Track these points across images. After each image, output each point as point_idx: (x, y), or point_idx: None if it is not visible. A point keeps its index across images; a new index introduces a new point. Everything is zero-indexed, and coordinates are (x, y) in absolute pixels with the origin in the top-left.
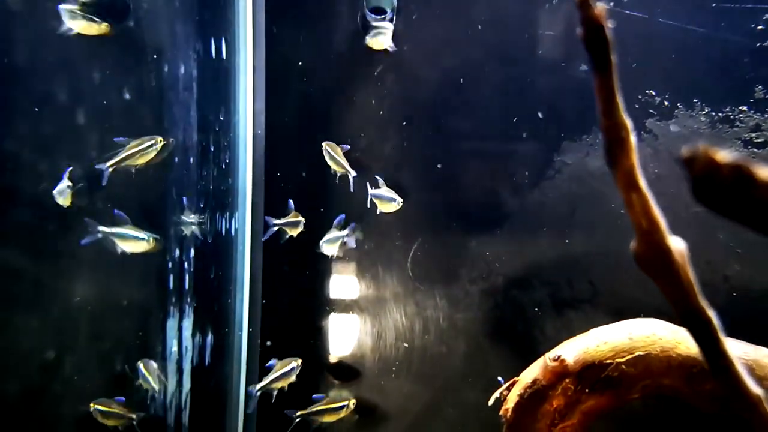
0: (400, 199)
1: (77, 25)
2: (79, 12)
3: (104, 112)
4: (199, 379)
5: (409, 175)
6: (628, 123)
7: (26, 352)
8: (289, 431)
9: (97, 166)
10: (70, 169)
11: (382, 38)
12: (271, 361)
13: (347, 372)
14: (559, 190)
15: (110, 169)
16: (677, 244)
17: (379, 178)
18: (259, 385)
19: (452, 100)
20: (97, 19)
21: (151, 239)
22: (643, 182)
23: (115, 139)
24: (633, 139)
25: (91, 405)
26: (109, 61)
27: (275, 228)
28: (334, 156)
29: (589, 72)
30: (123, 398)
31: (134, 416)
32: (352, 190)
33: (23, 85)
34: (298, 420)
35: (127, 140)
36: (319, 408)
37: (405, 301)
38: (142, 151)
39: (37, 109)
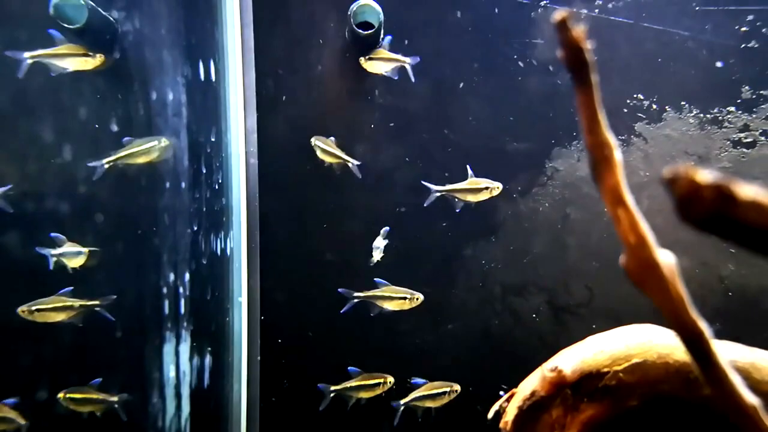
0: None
1: (71, 63)
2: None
3: (94, 141)
4: (199, 401)
5: (402, 184)
6: (612, 140)
7: (20, 386)
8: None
9: (91, 164)
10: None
11: (377, 64)
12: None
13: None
14: (552, 197)
15: (106, 166)
16: (666, 258)
17: (385, 229)
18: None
19: (443, 110)
20: (90, 53)
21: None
22: (629, 198)
23: (124, 140)
24: (618, 155)
25: (60, 395)
26: (98, 89)
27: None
28: (327, 149)
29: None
30: (99, 379)
31: (115, 399)
32: (360, 176)
33: (9, 120)
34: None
35: (131, 140)
36: (354, 384)
37: (403, 311)
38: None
39: (23, 144)
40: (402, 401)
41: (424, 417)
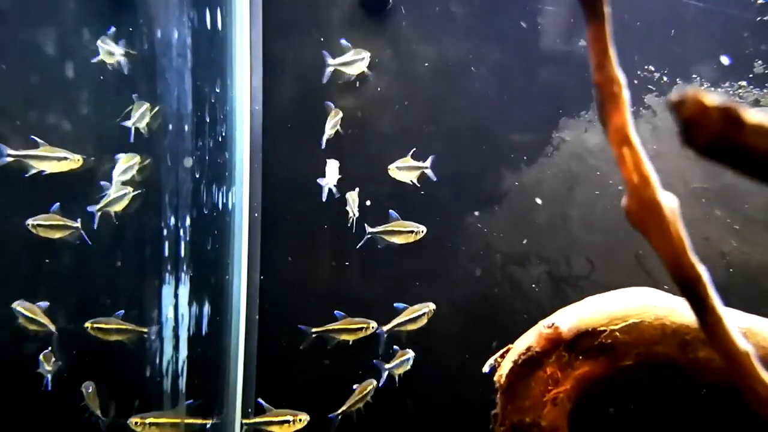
0: None
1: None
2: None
3: (96, 76)
4: (196, 348)
5: (407, 149)
6: (621, 77)
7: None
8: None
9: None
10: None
11: (358, 65)
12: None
13: (346, 349)
14: (557, 167)
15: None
16: (668, 200)
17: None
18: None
19: (450, 78)
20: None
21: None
22: (635, 137)
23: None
24: (626, 94)
25: (88, 324)
26: (101, 25)
27: None
28: (352, 204)
29: (585, 38)
30: (122, 311)
31: (144, 330)
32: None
33: (16, 66)
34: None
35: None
36: (336, 327)
37: (406, 280)
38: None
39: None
40: (385, 328)
41: (423, 385)
